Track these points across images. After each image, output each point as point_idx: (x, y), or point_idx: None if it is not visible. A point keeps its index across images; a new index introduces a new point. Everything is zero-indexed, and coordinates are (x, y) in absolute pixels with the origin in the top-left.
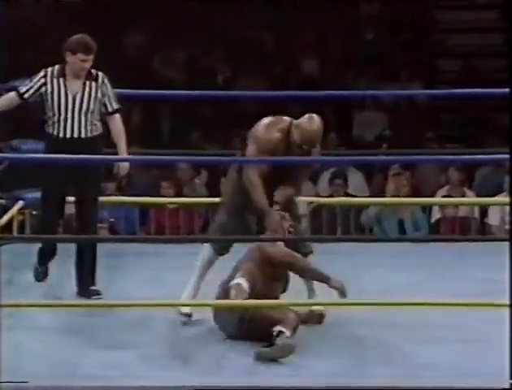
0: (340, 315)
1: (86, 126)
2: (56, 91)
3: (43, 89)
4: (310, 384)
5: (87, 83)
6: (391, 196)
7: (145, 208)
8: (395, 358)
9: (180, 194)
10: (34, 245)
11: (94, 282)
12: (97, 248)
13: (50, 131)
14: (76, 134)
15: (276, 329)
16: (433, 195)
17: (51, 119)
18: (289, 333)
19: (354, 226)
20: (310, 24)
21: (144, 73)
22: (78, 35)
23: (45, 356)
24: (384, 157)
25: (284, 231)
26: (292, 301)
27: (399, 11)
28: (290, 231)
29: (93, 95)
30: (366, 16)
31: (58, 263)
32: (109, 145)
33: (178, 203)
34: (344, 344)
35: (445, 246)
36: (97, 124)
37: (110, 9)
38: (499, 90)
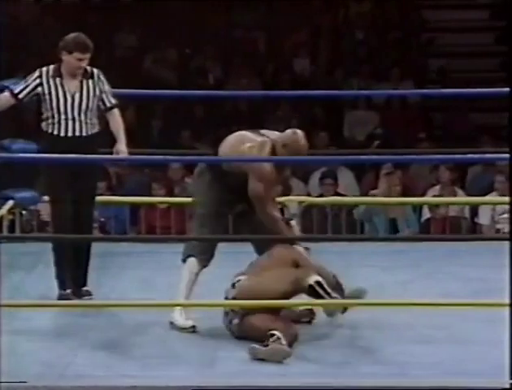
0: None
1: (86, 124)
2: (54, 91)
3: (39, 90)
4: (300, 384)
5: (84, 81)
6: (382, 195)
7: (136, 208)
8: (386, 358)
9: (171, 194)
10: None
11: (86, 283)
12: (91, 248)
13: (50, 130)
14: (78, 132)
15: (273, 332)
16: (424, 194)
17: (50, 119)
18: (285, 342)
19: (345, 225)
20: (301, 24)
21: (135, 73)
22: (74, 34)
23: (34, 356)
24: (375, 156)
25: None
26: (284, 302)
27: (389, 11)
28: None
29: (92, 93)
30: (356, 16)
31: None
32: (105, 144)
33: (169, 203)
34: (334, 344)
35: (436, 246)
36: (95, 123)
37: (101, 9)
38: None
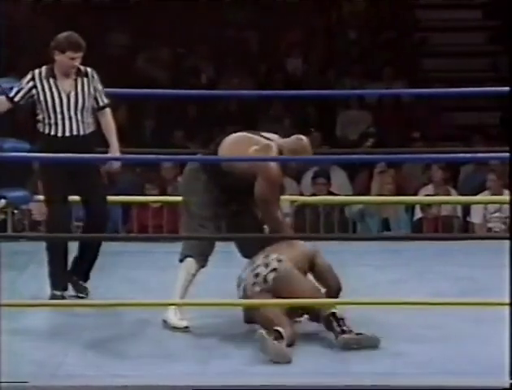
0: None
1: (83, 123)
2: (48, 92)
3: (34, 91)
4: (295, 383)
5: (78, 80)
6: (375, 194)
7: (128, 207)
8: (380, 356)
9: (164, 193)
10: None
11: (87, 279)
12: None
13: (46, 131)
14: (75, 132)
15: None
16: (416, 193)
17: (46, 120)
18: (285, 342)
19: (338, 224)
20: (294, 24)
21: (128, 72)
22: (66, 33)
23: (26, 355)
24: (368, 156)
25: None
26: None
27: (382, 11)
28: None
29: (87, 91)
30: (349, 16)
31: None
32: (100, 144)
33: (161, 202)
34: (327, 343)
35: (429, 245)
36: (90, 122)
37: (94, 8)
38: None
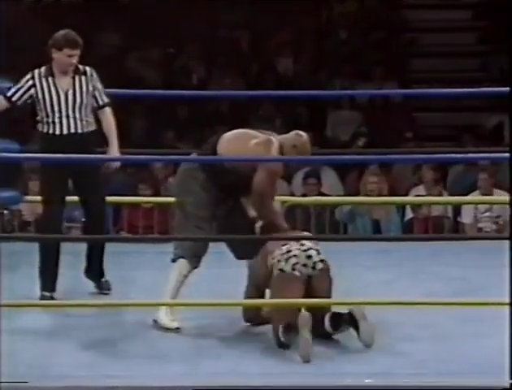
0: None
1: (81, 121)
2: (46, 91)
3: (32, 91)
4: (283, 384)
5: (76, 78)
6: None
7: (119, 207)
8: (371, 356)
9: (158, 194)
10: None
11: (103, 274)
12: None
13: (45, 130)
14: (73, 130)
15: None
16: (407, 194)
17: (45, 119)
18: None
19: (329, 225)
20: (285, 24)
21: (118, 72)
22: (63, 31)
23: (17, 356)
24: (359, 156)
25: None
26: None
27: (372, 11)
28: None
29: (85, 89)
30: (339, 16)
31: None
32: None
33: (152, 202)
34: (318, 343)
35: (420, 245)
36: (90, 121)
37: (84, 7)
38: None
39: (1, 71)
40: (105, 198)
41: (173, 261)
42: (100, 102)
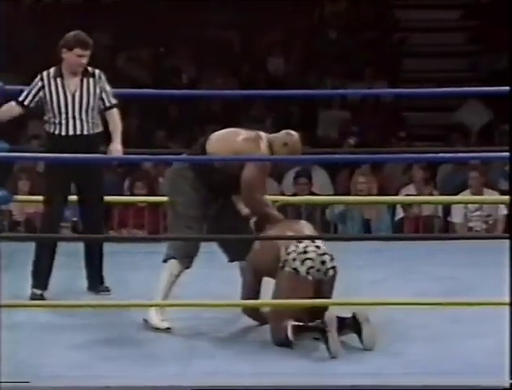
0: None
1: (88, 123)
2: (54, 91)
3: (41, 93)
4: (279, 383)
5: (84, 80)
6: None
7: (109, 207)
8: (364, 357)
9: (153, 192)
10: None
11: (103, 280)
12: (103, 247)
13: (51, 130)
14: (79, 131)
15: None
16: (397, 193)
17: (52, 119)
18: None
19: (319, 224)
20: (276, 23)
21: (108, 71)
22: (74, 31)
23: (8, 355)
24: (350, 156)
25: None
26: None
27: (363, 11)
28: None
29: (92, 91)
30: (330, 16)
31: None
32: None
33: (143, 202)
34: (310, 344)
35: (411, 244)
36: (97, 123)
37: (75, 7)
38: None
39: (1, 71)
40: (103, 199)
41: (164, 261)
42: (107, 104)
